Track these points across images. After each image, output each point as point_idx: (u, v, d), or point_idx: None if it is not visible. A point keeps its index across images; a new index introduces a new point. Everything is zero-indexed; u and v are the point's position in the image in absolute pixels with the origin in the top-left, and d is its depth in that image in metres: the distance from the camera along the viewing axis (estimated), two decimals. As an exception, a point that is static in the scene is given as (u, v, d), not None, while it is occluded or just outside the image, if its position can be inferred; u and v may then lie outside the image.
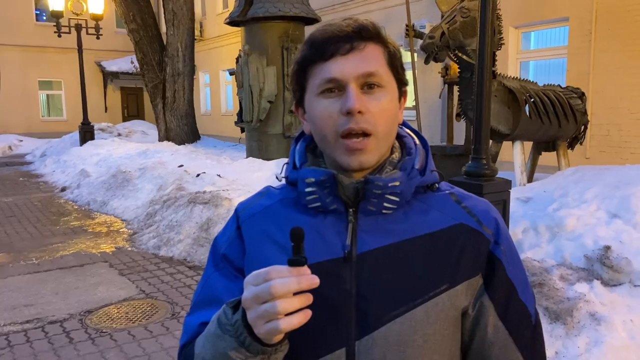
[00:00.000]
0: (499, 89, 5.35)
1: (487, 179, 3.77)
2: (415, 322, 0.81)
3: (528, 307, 0.89)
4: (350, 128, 0.80)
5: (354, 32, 0.82)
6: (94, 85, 21.27)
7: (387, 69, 0.84)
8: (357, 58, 0.81)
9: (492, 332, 0.86)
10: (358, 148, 0.81)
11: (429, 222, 0.85)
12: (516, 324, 0.87)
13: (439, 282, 0.82)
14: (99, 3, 13.49)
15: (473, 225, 0.86)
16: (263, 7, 9.74)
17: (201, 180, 7.48)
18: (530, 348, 0.89)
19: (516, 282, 0.87)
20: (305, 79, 0.86)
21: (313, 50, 0.83)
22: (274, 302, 0.68)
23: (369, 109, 0.81)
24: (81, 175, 10.20)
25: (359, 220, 0.84)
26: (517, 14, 8.89)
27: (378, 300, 0.81)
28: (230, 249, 0.90)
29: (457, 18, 5.00)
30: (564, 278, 3.47)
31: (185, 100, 13.87)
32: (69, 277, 5.01)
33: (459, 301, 0.84)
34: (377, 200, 0.83)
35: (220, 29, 17.24)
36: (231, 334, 0.73)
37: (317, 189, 0.84)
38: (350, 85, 0.81)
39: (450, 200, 0.88)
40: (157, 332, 3.77)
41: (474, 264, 0.84)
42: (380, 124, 0.82)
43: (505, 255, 0.86)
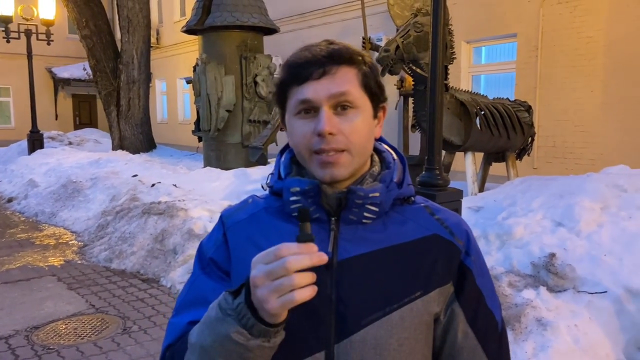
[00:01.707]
0: (452, 102, 5.51)
1: (440, 188, 3.87)
2: (391, 326, 0.85)
3: (495, 314, 0.95)
4: (321, 148, 0.86)
5: (326, 57, 0.87)
6: (44, 92, 20.54)
7: (360, 89, 0.89)
8: (329, 81, 0.86)
9: (461, 337, 0.92)
10: (330, 162, 0.86)
11: (405, 232, 0.90)
12: (484, 330, 0.93)
13: (414, 288, 0.87)
14: (50, 8, 13.06)
15: (446, 236, 0.92)
16: (221, 16, 9.69)
17: (156, 190, 7.33)
18: (496, 354, 0.94)
19: (484, 291, 0.94)
20: (284, 99, 0.91)
21: (289, 74, 0.89)
22: (291, 276, 0.71)
23: (341, 130, 0.86)
24: (29, 185, 9.79)
25: (340, 229, 0.89)
26: (469, 30, 9.20)
27: (356, 305, 0.85)
28: (216, 253, 0.94)
29: (411, 32, 5.13)
30: (512, 284, 3.58)
31: (140, 108, 13.57)
32: (14, 291, 4.79)
33: (432, 307, 0.89)
34: (358, 210, 0.88)
35: (177, 36, 17.01)
36: (233, 317, 0.76)
37: (302, 198, 0.89)
38: (323, 107, 0.86)
39: (425, 212, 0.94)
40: (108, 348, 3.66)
41: (446, 272, 0.90)
42: (353, 142, 0.87)
43: (475, 265, 0.93)
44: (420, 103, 5.37)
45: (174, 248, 5.45)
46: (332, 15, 12.33)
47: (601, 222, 3.99)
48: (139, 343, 3.73)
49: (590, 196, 4.25)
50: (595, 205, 4.15)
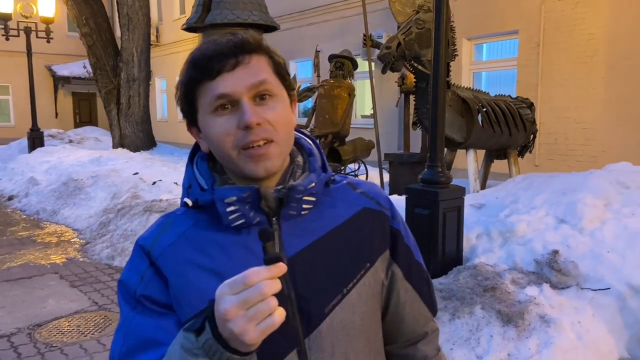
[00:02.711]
0: (453, 99, 5.50)
1: (442, 186, 3.87)
2: (352, 305, 0.88)
3: (422, 264, 1.03)
4: (250, 141, 0.82)
5: (237, 46, 0.83)
6: (43, 90, 20.52)
7: (275, 77, 0.86)
8: (244, 71, 0.82)
9: (403, 293, 0.98)
10: (262, 154, 0.83)
11: (338, 213, 0.92)
12: (418, 281, 1.01)
13: (362, 264, 0.90)
14: (50, 6, 13.03)
15: (374, 207, 0.96)
16: (221, 14, 9.64)
17: (157, 188, 7.33)
18: (429, 297, 1.04)
19: (412, 247, 1.00)
20: (194, 99, 0.85)
21: (198, 70, 0.83)
22: (267, 300, 0.67)
23: (266, 119, 0.83)
24: (30, 183, 9.79)
25: (282, 227, 0.87)
26: (470, 27, 9.19)
27: (316, 296, 0.85)
28: (147, 288, 0.84)
29: (413, 29, 5.12)
30: (515, 282, 3.58)
31: (140, 107, 13.55)
32: (16, 289, 4.79)
33: (379, 275, 0.93)
34: (296, 204, 0.87)
35: (177, 34, 16.99)
36: (202, 355, 0.70)
37: (240, 206, 0.84)
38: (243, 99, 0.82)
39: (349, 189, 0.96)
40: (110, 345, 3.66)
41: (382, 239, 0.95)
42: (279, 131, 0.84)
43: (401, 226, 0.99)
44: (421, 100, 5.37)
45: (176, 246, 5.45)
46: (331, 13, 12.31)
47: (604, 219, 3.99)
48: (142, 341, 3.74)
49: (592, 193, 4.24)
50: (598, 202, 4.15)
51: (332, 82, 8.49)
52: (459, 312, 3.33)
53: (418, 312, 1.01)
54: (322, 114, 8.37)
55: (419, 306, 1.01)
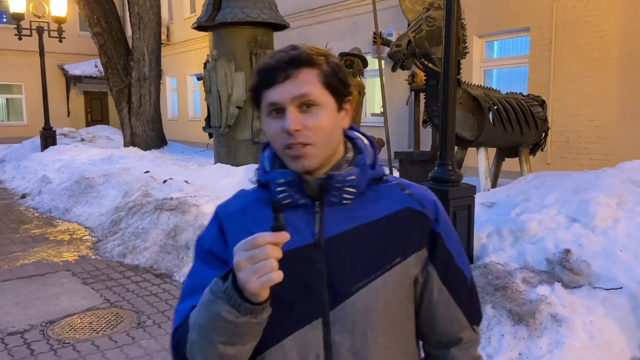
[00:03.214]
0: (464, 97, 5.47)
1: (452, 184, 3.85)
2: (376, 290, 0.97)
3: (464, 271, 1.08)
4: (290, 143, 0.96)
5: (287, 62, 0.97)
6: (56, 89, 20.72)
7: (322, 88, 0.98)
8: (292, 84, 0.96)
9: (437, 294, 1.05)
10: (298, 155, 0.97)
11: (381, 208, 1.02)
12: (455, 286, 1.07)
13: (393, 256, 1.00)
14: (62, 5, 13.13)
15: (417, 208, 1.04)
16: (231, 13, 9.69)
17: (168, 187, 7.37)
18: (467, 305, 1.08)
19: (453, 252, 1.06)
20: (259, 101, 1.01)
21: (260, 79, 1.00)
22: (269, 259, 0.83)
23: (306, 125, 0.96)
24: (42, 181, 9.89)
25: (324, 211, 1.00)
26: (481, 24, 9.13)
27: (345, 276, 0.97)
28: (214, 245, 1.04)
29: (423, 27, 5.10)
30: (527, 281, 3.56)
31: (151, 105, 13.64)
32: (29, 286, 4.85)
33: (410, 271, 1.02)
34: (337, 193, 1.00)
35: (187, 33, 17.06)
36: (223, 298, 0.86)
37: (287, 188, 1.00)
38: (288, 107, 0.96)
39: (397, 189, 1.06)
40: (122, 342, 3.69)
41: (420, 239, 1.03)
42: (318, 135, 0.97)
43: (443, 230, 1.05)
44: (432, 98, 5.34)
45: (186, 244, 5.48)
46: (341, 11, 12.29)
47: (617, 217, 3.95)
48: (153, 337, 3.77)
49: (605, 191, 4.20)
50: (610, 200, 4.11)
51: (341, 80, 8.46)
52: (470, 311, 3.32)
53: (452, 316, 1.06)
54: (332, 112, 8.35)
55: (453, 310, 1.06)
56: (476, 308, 1.11)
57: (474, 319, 1.10)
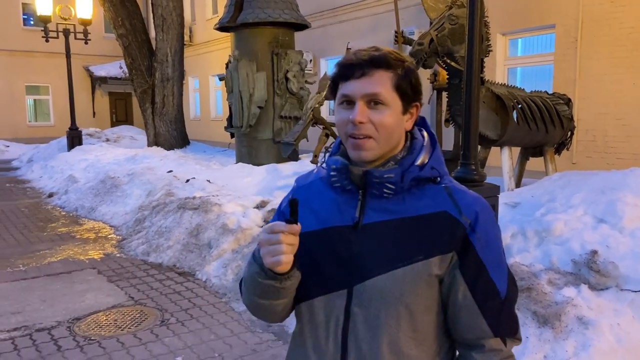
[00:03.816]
0: (487, 95, 5.40)
1: (475, 184, 3.81)
2: (394, 279, 1.07)
3: (497, 285, 1.11)
4: (353, 133, 1.08)
5: (367, 61, 1.08)
6: (81, 90, 21.13)
7: (392, 90, 1.08)
8: (366, 81, 1.07)
9: (461, 298, 1.10)
10: (359, 144, 1.08)
11: (419, 206, 1.10)
12: (483, 296, 1.10)
13: (417, 253, 1.08)
14: (88, 8, 13.40)
15: (453, 214, 1.09)
16: (253, 13, 9.75)
17: (190, 186, 7.45)
18: (496, 317, 1.11)
19: (488, 264, 1.10)
20: (336, 91, 1.13)
21: (340, 71, 1.11)
22: (281, 245, 1.01)
23: (371, 119, 1.07)
24: (69, 181, 10.10)
25: (367, 200, 1.12)
26: (505, 21, 9.00)
27: (372, 259, 1.09)
28: (285, 208, 1.17)
29: (446, 25, 5.05)
30: (552, 282, 3.50)
31: (174, 106, 13.81)
32: (56, 284, 4.96)
33: (432, 269, 1.08)
34: (378, 186, 1.10)
35: (209, 34, 17.22)
36: (258, 262, 1.06)
37: (337, 174, 1.14)
38: (358, 101, 1.08)
39: (444, 192, 1.12)
40: (147, 339, 3.75)
41: (448, 243, 1.08)
42: (380, 131, 1.08)
43: (479, 241, 1.09)
44: (455, 97, 5.29)
45: (209, 242, 5.53)
46: (363, 10, 12.25)
47: (646, 218, 3.85)
48: (176, 335, 3.81)
49: (633, 192, 4.10)
50: (639, 201, 4.01)
51: (363, 79, 8.43)
52: (493, 313, 3.27)
53: (474, 322, 1.11)
54: (353, 112, 8.33)
55: (476, 318, 1.10)
56: (508, 322, 1.13)
57: (502, 331, 1.12)
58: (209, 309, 4.28)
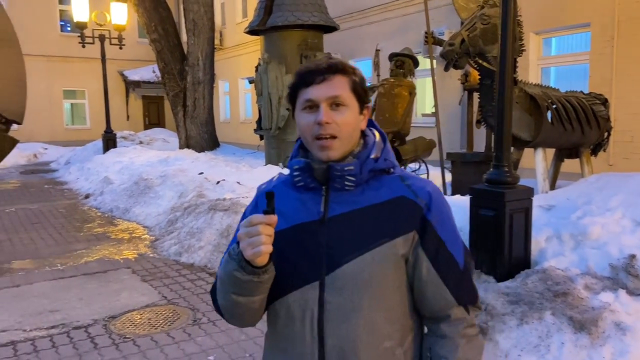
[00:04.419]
0: (520, 96, 5.30)
1: (509, 186, 3.74)
2: (364, 263, 1.15)
3: (455, 256, 1.21)
4: (320, 133, 1.16)
5: (326, 68, 1.18)
6: (116, 94, 21.64)
7: (350, 93, 1.19)
8: (328, 85, 1.17)
9: (425, 273, 1.20)
10: (326, 146, 1.17)
11: (378, 195, 1.20)
12: (444, 268, 1.20)
13: (382, 236, 1.16)
14: (122, 14, 13.74)
15: (410, 197, 1.20)
16: (282, 16, 9.83)
17: (221, 188, 7.55)
18: (458, 287, 1.21)
19: (445, 238, 1.21)
20: (295, 99, 1.22)
21: (300, 79, 1.20)
22: (260, 236, 1.05)
23: (334, 120, 1.17)
24: (104, 182, 10.36)
25: (330, 194, 1.20)
26: (538, 20, 8.82)
27: (340, 249, 1.16)
28: (250, 214, 1.23)
29: (477, 25, 4.98)
30: (589, 287, 3.41)
31: (205, 108, 14.02)
32: (92, 283, 5.10)
33: (397, 250, 1.17)
34: (340, 180, 1.19)
35: (239, 37, 17.42)
36: (235, 260, 1.11)
37: (300, 173, 1.22)
38: (322, 104, 1.17)
39: (398, 180, 1.23)
40: (179, 338, 3.81)
41: (409, 224, 1.18)
42: (343, 131, 1.18)
43: (435, 219, 1.20)
44: (486, 98, 5.21)
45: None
46: (392, 11, 12.20)
47: (688, 222, 3.71)
48: (208, 334, 3.87)
49: (675, 194, 3.96)
50: (681, 204, 3.87)
51: (392, 80, 8.41)
52: (528, 318, 3.21)
53: (439, 295, 1.20)
54: (382, 113, 8.31)
55: (441, 289, 1.20)
56: (468, 290, 1.24)
57: (464, 299, 1.22)
58: (240, 310, 4.33)
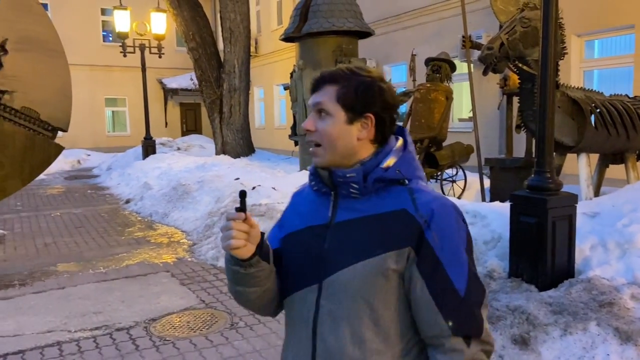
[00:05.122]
0: (563, 100, 5.17)
1: (551, 193, 3.65)
2: (355, 273, 1.15)
3: (453, 282, 1.13)
4: (307, 140, 1.22)
5: (320, 77, 1.23)
6: (155, 102, 22.17)
7: (334, 102, 1.19)
8: (317, 94, 1.22)
9: (419, 294, 1.14)
10: (312, 151, 1.22)
11: (382, 205, 1.18)
12: (440, 292, 1.13)
13: (376, 248, 1.14)
14: (162, 24, 14.11)
15: (410, 211, 1.16)
16: (317, 23, 9.89)
17: (257, 193, 7.62)
18: (454, 315, 1.13)
19: (444, 260, 1.13)
20: None
21: (310, 88, 1.26)
22: (231, 231, 1.11)
23: (317, 128, 1.20)
24: (144, 187, 10.63)
25: (338, 200, 1.22)
26: (580, 22, 8.58)
27: (338, 255, 1.18)
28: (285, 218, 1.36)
29: (517, 28, 4.89)
30: (636, 297, 3.29)
31: (240, 115, 14.21)
32: (134, 285, 5.22)
33: (388, 264, 1.14)
34: (345, 186, 1.20)
35: (274, 44, 17.62)
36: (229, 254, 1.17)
37: (313, 178, 1.27)
38: (312, 112, 1.22)
39: (405, 192, 1.19)
40: (217, 341, 3.86)
41: (404, 239, 1.14)
42: (324, 139, 1.19)
43: (434, 237, 1.13)
44: (527, 102, 5.10)
45: (275, 249, 5.62)
46: (428, 15, 12.10)
47: None
48: (245, 339, 3.90)
49: None
50: None
51: (428, 85, 8.33)
52: (571, 328, 3.12)
53: (432, 319, 1.14)
54: (418, 119, 8.24)
55: (434, 314, 1.13)
56: (469, 321, 1.14)
57: (463, 330, 1.13)
58: (276, 315, 4.35)
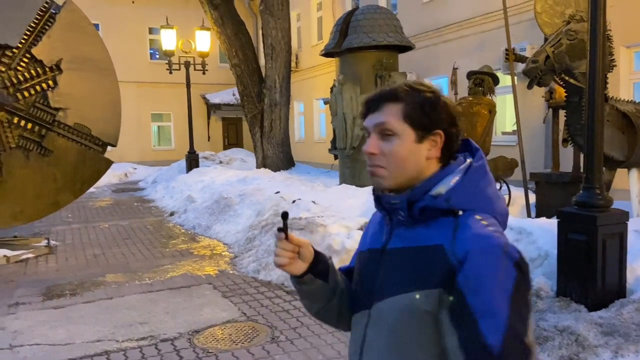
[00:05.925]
0: (612, 113, 5.01)
1: (601, 209, 3.53)
2: (392, 306, 1.10)
3: (486, 337, 0.95)
4: (368, 163, 1.16)
5: (378, 96, 1.16)
6: (198, 117, 22.75)
7: (401, 120, 1.11)
8: (377, 114, 1.14)
9: (449, 342, 1.02)
10: (372, 173, 1.15)
11: (425, 237, 1.09)
12: (469, 346, 0.97)
13: (410, 284, 1.07)
14: (206, 41, 14.53)
15: (447, 248, 1.04)
16: (357, 38, 9.96)
17: (297, 207, 7.68)
18: None
19: (476, 310, 0.97)
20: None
21: (363, 109, 1.20)
22: (277, 249, 1.18)
23: (382, 150, 1.13)
24: (187, 200, 10.88)
25: (392, 225, 1.18)
26: (629, 33, 8.31)
27: (385, 283, 1.14)
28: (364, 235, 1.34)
29: (563, 41, 4.79)
30: (696, 321, 3.12)
31: (281, 129, 14.40)
32: (178, 297, 5.34)
33: (418, 304, 1.06)
34: (394, 212, 1.15)
35: (314, 59, 17.81)
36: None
37: (375, 201, 1.22)
38: (372, 133, 1.15)
39: (451, 225, 1.07)
40: (259, 355, 3.90)
41: (435, 279, 1.04)
42: (390, 162, 1.12)
43: (466, 282, 0.99)
44: (574, 116, 4.97)
45: (316, 263, 5.63)
46: (469, 28, 11.98)
47: None
48: (286, 353, 3.92)
49: None
50: None
51: (470, 99, 8.22)
52: (623, 350, 2.99)
53: None
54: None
55: None
56: None
57: None
58: (316, 329, 4.36)
